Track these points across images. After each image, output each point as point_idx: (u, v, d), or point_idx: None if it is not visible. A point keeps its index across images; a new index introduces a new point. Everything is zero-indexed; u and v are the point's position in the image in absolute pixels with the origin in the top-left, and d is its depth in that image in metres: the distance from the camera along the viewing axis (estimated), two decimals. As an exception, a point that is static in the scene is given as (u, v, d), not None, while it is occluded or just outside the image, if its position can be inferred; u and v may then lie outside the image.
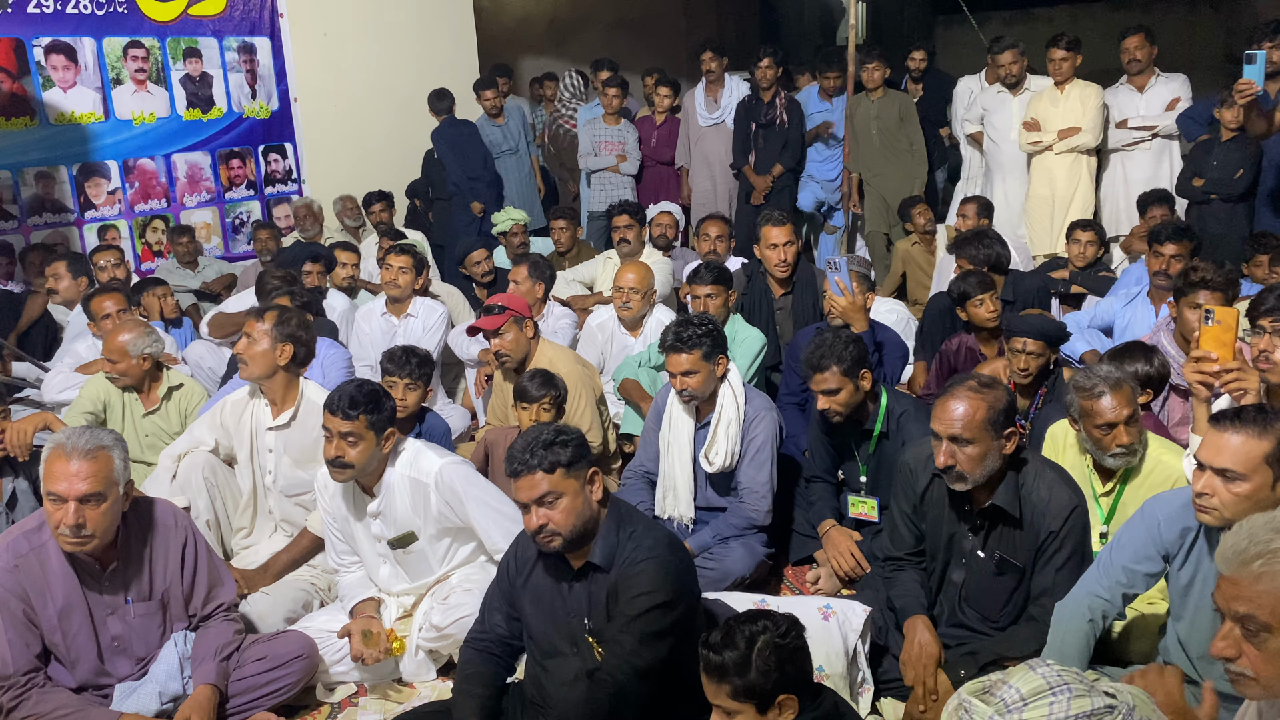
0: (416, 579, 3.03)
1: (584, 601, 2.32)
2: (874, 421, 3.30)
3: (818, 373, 3.18)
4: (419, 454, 2.95)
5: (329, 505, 3.02)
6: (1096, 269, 5.29)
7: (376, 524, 2.95)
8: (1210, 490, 2.12)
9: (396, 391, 3.47)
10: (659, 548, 2.27)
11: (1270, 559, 1.54)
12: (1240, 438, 2.11)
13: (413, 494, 2.91)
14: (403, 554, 2.98)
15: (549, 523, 2.22)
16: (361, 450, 2.79)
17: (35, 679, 2.50)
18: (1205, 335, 2.73)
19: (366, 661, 2.84)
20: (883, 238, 6.73)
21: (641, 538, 2.28)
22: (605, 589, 2.28)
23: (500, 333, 3.83)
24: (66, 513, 2.40)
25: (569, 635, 2.35)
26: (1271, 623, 1.53)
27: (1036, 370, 3.53)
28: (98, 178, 6.39)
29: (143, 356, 3.79)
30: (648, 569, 2.22)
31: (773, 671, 1.91)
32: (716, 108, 6.93)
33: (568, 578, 2.34)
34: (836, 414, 3.22)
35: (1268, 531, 1.58)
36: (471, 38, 8.11)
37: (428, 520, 2.93)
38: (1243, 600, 1.55)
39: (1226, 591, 1.58)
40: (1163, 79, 5.83)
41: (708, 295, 4.17)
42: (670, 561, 2.26)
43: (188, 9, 6.64)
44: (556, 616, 2.36)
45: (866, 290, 3.94)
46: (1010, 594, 2.61)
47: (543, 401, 3.48)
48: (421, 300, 4.97)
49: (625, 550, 2.28)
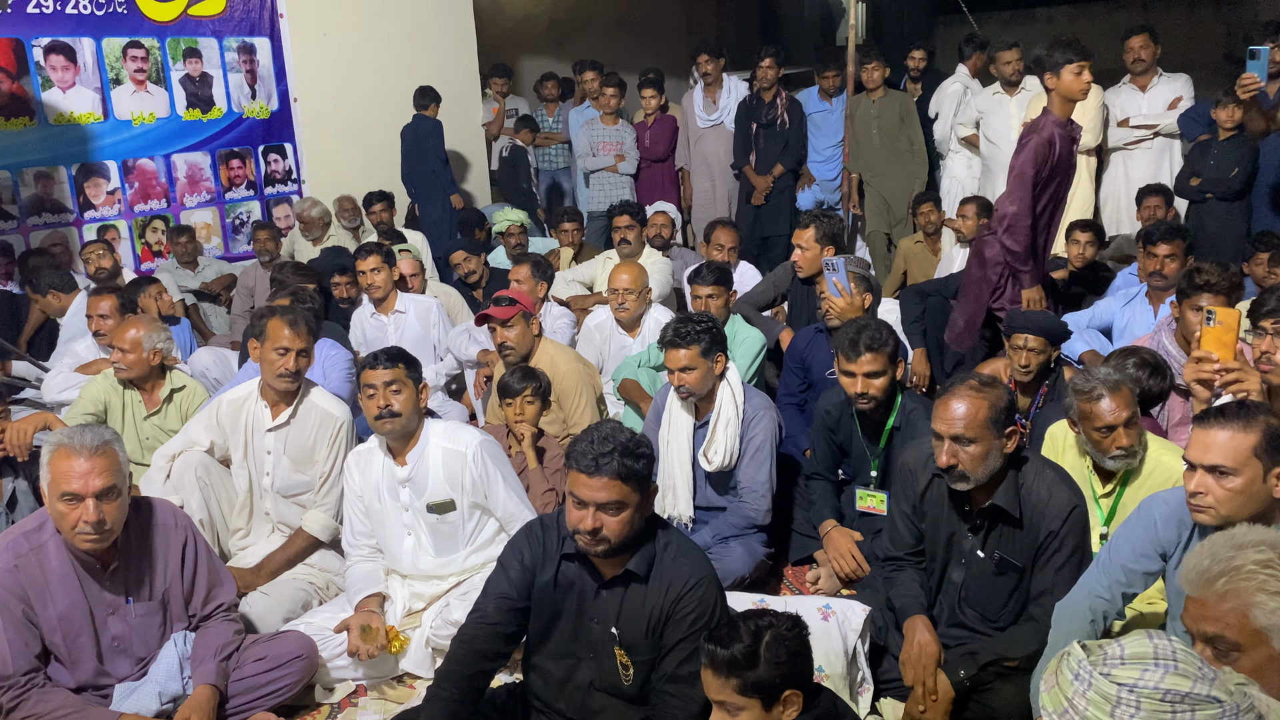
0: (441, 554, 3.06)
1: (613, 609, 2.25)
2: (889, 415, 3.28)
3: (869, 352, 3.15)
4: (455, 427, 3.08)
5: (358, 481, 3.07)
6: (1095, 269, 5.29)
7: (405, 492, 3.00)
8: (1204, 489, 2.11)
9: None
10: (702, 565, 2.24)
11: (1233, 576, 1.52)
12: (1226, 433, 2.09)
13: (447, 464, 2.98)
14: (438, 522, 3.02)
15: (603, 528, 2.13)
16: (405, 398, 2.93)
17: (35, 679, 2.50)
18: (1206, 336, 2.73)
19: (362, 657, 2.84)
20: (884, 237, 6.74)
21: (681, 553, 2.24)
22: (642, 599, 2.21)
23: (509, 324, 3.88)
24: (86, 510, 2.41)
25: (588, 640, 2.29)
26: (1240, 641, 1.51)
27: (1037, 367, 3.52)
28: (97, 178, 6.39)
29: (154, 351, 3.81)
30: (707, 601, 2.19)
31: (780, 665, 1.92)
32: (715, 109, 6.94)
33: (595, 585, 2.26)
34: (871, 400, 3.20)
35: (1229, 549, 1.56)
36: (471, 38, 8.11)
37: (461, 492, 2.99)
38: (1210, 620, 1.53)
39: (1193, 613, 1.56)
40: (1165, 79, 5.83)
41: (709, 296, 4.18)
42: (719, 588, 2.26)
43: (187, 9, 6.64)
44: (574, 620, 2.29)
45: (865, 291, 3.94)
46: (1010, 594, 2.61)
47: (525, 394, 3.53)
48: (411, 296, 4.97)
49: (665, 565, 2.22)
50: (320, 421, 3.36)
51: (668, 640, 2.21)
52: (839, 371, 3.27)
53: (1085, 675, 1.38)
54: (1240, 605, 1.50)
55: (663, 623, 2.21)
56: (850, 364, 3.19)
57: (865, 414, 3.31)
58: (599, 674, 2.29)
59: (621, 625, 2.24)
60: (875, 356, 3.15)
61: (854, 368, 3.19)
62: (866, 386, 3.18)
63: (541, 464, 3.58)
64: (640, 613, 2.22)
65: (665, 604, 2.20)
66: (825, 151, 6.86)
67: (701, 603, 2.19)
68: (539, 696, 2.39)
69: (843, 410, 3.42)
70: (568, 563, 2.29)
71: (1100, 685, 1.35)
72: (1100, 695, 1.35)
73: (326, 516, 3.35)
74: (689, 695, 2.16)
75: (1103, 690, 1.35)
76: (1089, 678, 1.37)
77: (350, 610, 3.01)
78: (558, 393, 3.93)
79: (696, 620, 2.18)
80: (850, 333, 3.21)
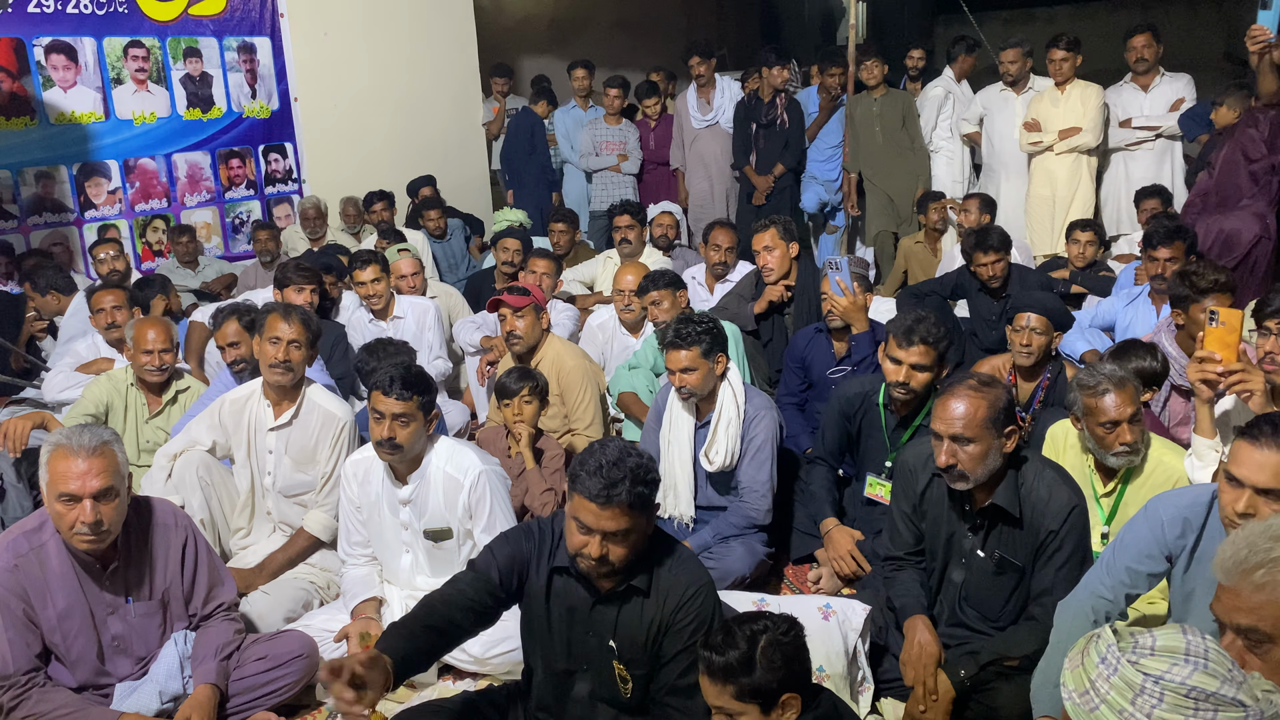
0: (437, 574, 3.02)
1: (610, 622, 2.20)
2: (920, 412, 3.26)
3: (923, 345, 3.12)
4: (458, 450, 2.97)
5: (355, 492, 3.03)
6: (1096, 269, 5.29)
7: (405, 511, 2.97)
8: (1252, 510, 2.04)
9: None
10: (699, 574, 2.21)
11: (1272, 568, 1.50)
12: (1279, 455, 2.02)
13: (446, 490, 2.93)
14: (433, 547, 2.98)
15: (608, 555, 2.07)
16: (412, 431, 2.84)
17: (35, 679, 2.50)
18: (1209, 336, 2.73)
19: None
20: (890, 236, 6.72)
21: (678, 563, 2.20)
22: (640, 612, 2.18)
23: (521, 314, 3.90)
24: (84, 511, 2.40)
25: (584, 653, 2.24)
26: (1275, 634, 1.49)
27: (1039, 350, 3.51)
28: (98, 177, 6.39)
29: (175, 349, 3.88)
30: (705, 611, 2.15)
31: (777, 669, 1.91)
32: (709, 109, 6.95)
33: (590, 600, 2.21)
34: (910, 391, 3.17)
35: (1267, 540, 1.54)
36: (472, 38, 8.11)
37: (453, 519, 2.95)
38: (1244, 612, 1.51)
39: (1227, 603, 1.54)
40: (1168, 79, 5.83)
41: (653, 302, 4.20)
42: (715, 596, 2.23)
43: (188, 9, 6.64)
44: (568, 633, 2.24)
45: (866, 291, 3.95)
46: (1010, 594, 2.60)
47: (522, 394, 3.53)
48: (408, 299, 4.97)
49: (664, 576, 2.18)
50: (323, 421, 3.36)
51: (666, 651, 2.18)
52: (885, 355, 3.22)
53: (1113, 660, 1.38)
54: (1278, 598, 1.48)
55: (661, 634, 2.18)
56: (900, 350, 3.15)
57: (895, 406, 3.28)
58: (598, 685, 2.26)
59: (619, 638, 2.20)
60: (927, 350, 3.12)
61: (903, 355, 3.15)
62: (909, 377, 3.15)
63: (540, 464, 3.58)
64: (639, 625, 2.18)
65: (664, 615, 2.17)
66: (826, 151, 6.86)
67: (700, 612, 2.16)
68: (542, 707, 2.36)
69: (865, 400, 3.38)
70: (563, 578, 2.22)
71: (1126, 672, 1.36)
72: (1124, 682, 1.35)
73: (327, 516, 3.34)
74: (689, 707, 2.15)
75: (1128, 677, 1.35)
76: (1115, 663, 1.37)
77: (347, 615, 3.00)
78: (562, 388, 3.93)
79: (696, 631, 2.14)
80: (909, 320, 3.17)
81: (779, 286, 4.53)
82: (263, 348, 3.30)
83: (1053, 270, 5.38)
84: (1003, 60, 6.19)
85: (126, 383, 3.90)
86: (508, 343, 4.01)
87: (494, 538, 2.34)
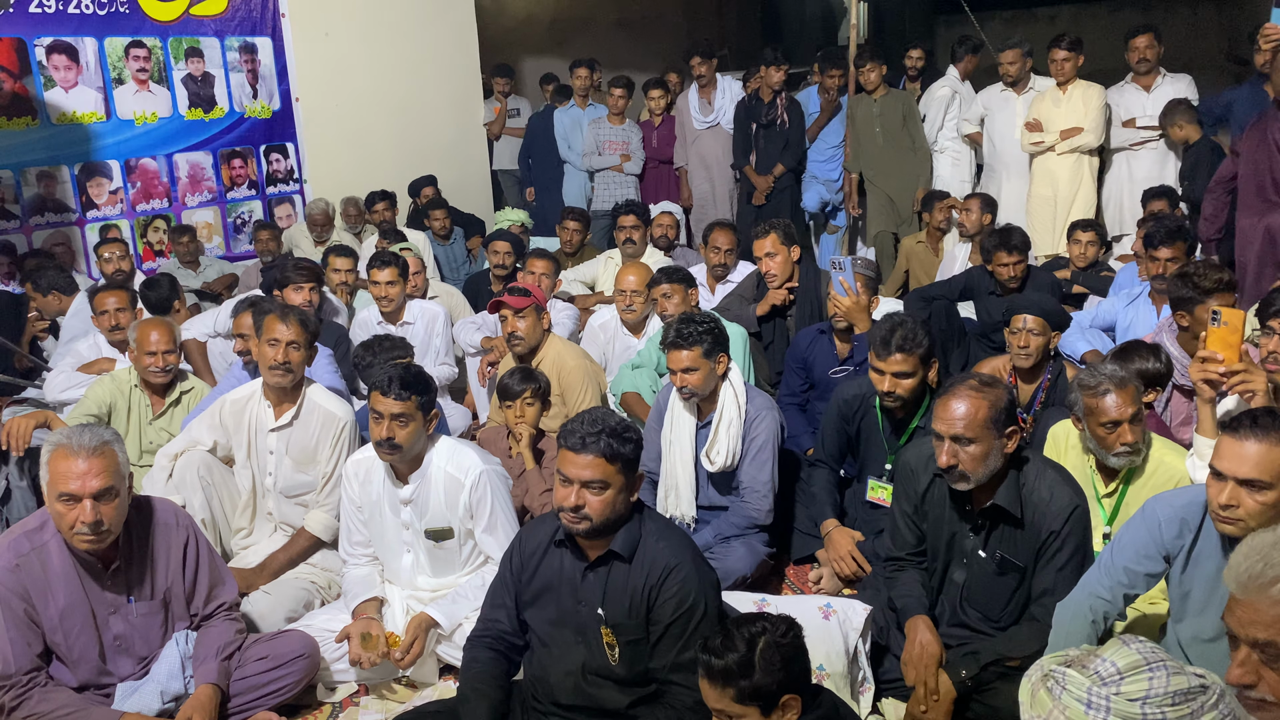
0: (438, 575, 3.04)
1: (598, 591, 2.29)
2: (914, 415, 3.26)
3: (900, 353, 3.12)
4: (459, 450, 2.98)
5: (356, 492, 3.03)
6: (1097, 269, 5.29)
7: (407, 511, 2.97)
8: (1235, 501, 2.06)
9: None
10: (682, 549, 2.29)
11: None
12: (1262, 446, 2.05)
13: (447, 489, 2.93)
14: (435, 547, 2.99)
15: (585, 505, 2.20)
16: (411, 431, 2.84)
17: (37, 678, 2.50)
18: (1212, 336, 2.73)
19: (364, 665, 2.82)
20: (891, 237, 6.72)
21: (661, 536, 2.30)
22: (625, 579, 2.27)
23: (522, 314, 3.90)
24: (83, 511, 2.40)
25: (577, 625, 2.33)
26: None
27: (1037, 350, 3.51)
28: (99, 177, 6.40)
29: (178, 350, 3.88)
30: (689, 585, 2.22)
31: (776, 671, 1.91)
32: (711, 110, 6.94)
33: (581, 567, 2.32)
34: (898, 399, 3.18)
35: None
36: (473, 38, 8.11)
37: (455, 518, 2.95)
38: (1261, 626, 1.49)
39: (1242, 617, 1.52)
40: (1169, 79, 5.83)
41: (664, 294, 4.18)
42: (703, 571, 2.29)
43: (189, 9, 6.64)
44: (565, 606, 2.34)
45: (871, 292, 3.94)
46: (1012, 594, 2.60)
47: (524, 395, 3.53)
48: (418, 304, 4.97)
49: (648, 546, 2.27)
50: (323, 421, 3.36)
51: (655, 624, 2.25)
52: (870, 366, 3.23)
53: (1101, 702, 1.36)
54: None
55: (645, 604, 2.25)
56: (880, 362, 3.16)
57: (890, 410, 3.29)
58: (589, 656, 2.32)
59: (607, 605, 2.28)
60: (906, 358, 3.12)
61: (884, 366, 3.15)
62: (894, 386, 3.15)
63: (540, 465, 3.58)
64: (624, 592, 2.26)
65: (648, 584, 2.25)
66: (827, 151, 6.86)
67: (684, 585, 2.22)
68: (537, 694, 2.40)
69: (863, 402, 3.39)
70: (557, 549, 2.35)
71: (1120, 707, 1.35)
72: (1123, 718, 1.34)
73: (328, 516, 3.34)
74: (694, 682, 2.16)
75: (1125, 713, 1.34)
76: (1106, 703, 1.36)
77: (348, 615, 3.00)
78: (563, 388, 3.93)
79: (680, 604, 2.22)
80: (884, 330, 3.16)
81: (782, 291, 4.53)
82: (261, 350, 3.30)
83: (1054, 270, 5.37)
84: (1002, 61, 6.19)
85: (130, 384, 3.90)
86: (509, 343, 4.01)
87: (483, 603, 2.48)
